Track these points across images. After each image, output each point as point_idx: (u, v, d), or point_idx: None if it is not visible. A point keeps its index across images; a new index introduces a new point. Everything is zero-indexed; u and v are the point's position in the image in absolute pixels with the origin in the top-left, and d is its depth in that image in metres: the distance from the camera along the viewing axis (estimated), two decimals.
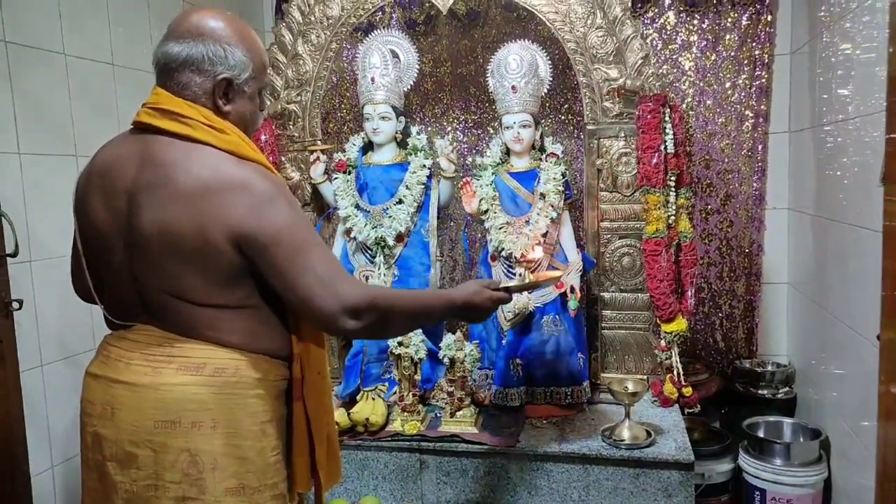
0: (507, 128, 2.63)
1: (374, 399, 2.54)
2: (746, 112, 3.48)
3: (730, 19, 3.45)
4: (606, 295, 2.80)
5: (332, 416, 1.74)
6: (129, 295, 1.59)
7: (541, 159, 2.68)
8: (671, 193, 2.60)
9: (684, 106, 3.49)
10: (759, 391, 3.39)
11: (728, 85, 3.49)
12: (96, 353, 1.66)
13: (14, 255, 2.22)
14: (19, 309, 2.26)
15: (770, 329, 3.63)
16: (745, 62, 3.46)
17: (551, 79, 2.80)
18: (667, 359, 2.65)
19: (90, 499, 1.63)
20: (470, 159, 3.59)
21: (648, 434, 2.34)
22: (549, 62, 2.80)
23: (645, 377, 2.70)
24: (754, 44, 3.44)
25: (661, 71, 3.44)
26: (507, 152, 2.73)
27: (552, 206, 2.58)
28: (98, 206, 1.56)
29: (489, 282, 1.83)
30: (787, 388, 3.40)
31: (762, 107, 3.47)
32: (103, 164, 1.58)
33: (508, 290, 1.82)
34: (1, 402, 2.20)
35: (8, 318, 2.23)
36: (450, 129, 3.68)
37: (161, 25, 3.06)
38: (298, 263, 1.48)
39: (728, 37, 3.46)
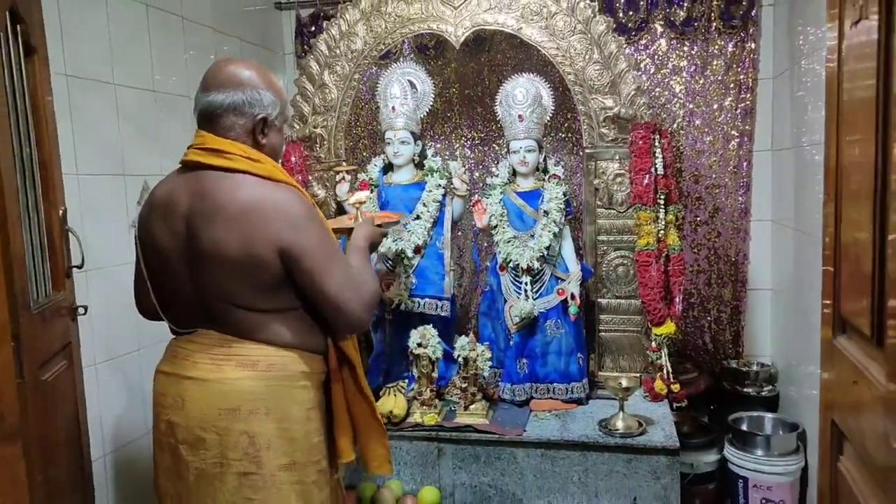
0: (514, 152, 2.97)
1: (395, 394, 2.88)
2: (732, 132, 3.79)
3: (717, 46, 3.75)
4: (603, 301, 3.12)
5: (370, 399, 2.05)
6: (191, 305, 1.88)
7: (544, 180, 3.01)
8: (661, 210, 2.93)
9: (675, 126, 3.80)
10: (745, 389, 3.67)
11: (715, 106, 3.79)
12: (165, 354, 1.98)
13: (80, 266, 2.55)
14: (84, 314, 2.58)
15: (755, 332, 3.90)
16: (731, 86, 3.77)
17: (553, 106, 3.13)
18: (657, 358, 2.97)
19: (164, 477, 1.93)
20: (477, 174, 3.92)
21: (640, 424, 2.68)
22: (551, 88, 3.13)
23: (637, 375, 3.02)
24: (739, 69, 3.75)
25: (654, 93, 3.77)
26: (514, 173, 3.07)
27: (554, 223, 2.91)
28: (161, 233, 1.86)
29: (372, 227, 2.21)
30: (771, 387, 3.65)
31: (747, 127, 3.77)
32: (162, 197, 1.88)
33: (382, 225, 2.29)
34: (69, 397, 2.50)
35: (75, 322, 2.55)
36: (458, 145, 4.00)
37: (195, 55, 3.43)
38: (324, 271, 1.77)
39: (715, 62, 3.77)
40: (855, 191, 1.40)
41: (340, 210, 3.23)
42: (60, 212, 2.40)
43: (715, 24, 3.71)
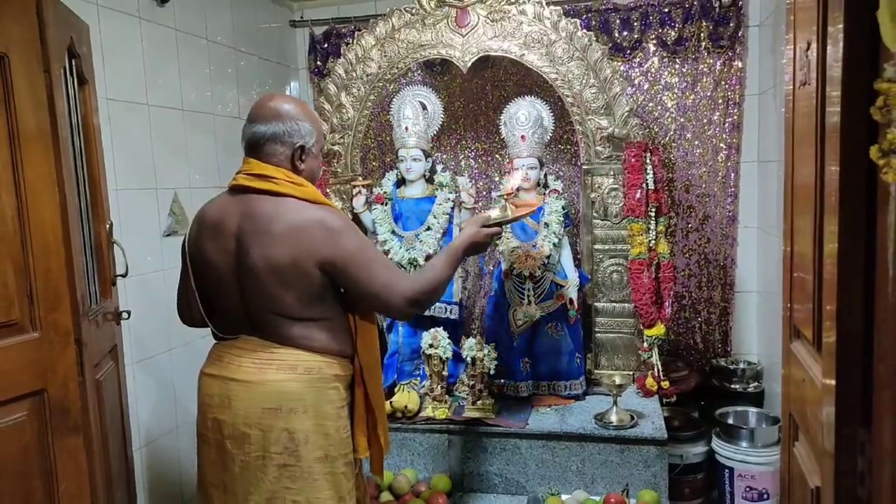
0: (517, 169, 3.26)
1: (409, 391, 3.16)
2: (721, 144, 4.06)
3: (706, 65, 4.03)
4: (599, 305, 3.40)
5: (383, 398, 2.28)
6: (237, 314, 2.10)
7: (545, 194, 3.30)
8: (652, 222, 3.21)
9: (667, 138, 4.08)
10: (733, 386, 3.94)
11: (705, 121, 4.07)
12: (208, 358, 2.19)
13: (125, 275, 2.82)
14: (128, 318, 2.86)
15: (742, 332, 4.15)
16: (720, 101, 4.04)
17: (553, 126, 3.41)
18: (648, 358, 3.25)
19: (209, 468, 2.13)
20: (481, 183, 4.20)
21: (632, 418, 2.97)
22: (551, 109, 3.40)
23: (631, 373, 3.32)
24: (727, 86, 4.02)
25: (647, 108, 4.05)
26: (518, 188, 3.35)
27: (554, 234, 3.20)
28: (212, 249, 2.07)
29: (481, 218, 2.33)
30: (756, 383, 3.89)
31: (734, 140, 4.04)
32: (213, 217, 2.10)
33: (499, 223, 2.32)
34: (116, 395, 2.77)
35: (119, 326, 2.83)
36: (462, 156, 4.28)
37: (217, 73, 3.69)
38: (368, 275, 1.99)
39: (705, 79, 4.04)
40: (802, 207, 1.67)
41: (356, 220, 3.51)
42: (107, 226, 2.68)
43: (704, 43, 3.98)
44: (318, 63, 4.56)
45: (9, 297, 2.06)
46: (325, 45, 4.53)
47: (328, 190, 3.50)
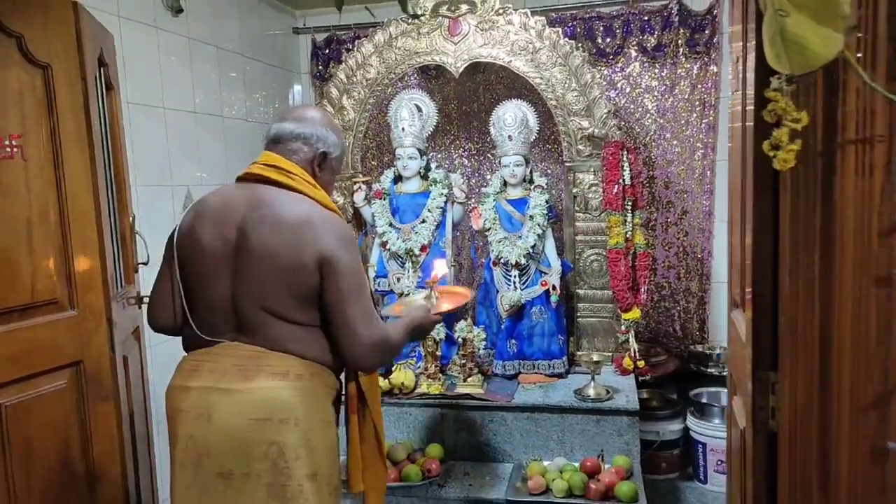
0: (505, 166, 3.57)
1: (405, 370, 3.46)
2: (697, 144, 4.36)
3: (683, 69, 4.34)
4: (581, 291, 3.71)
5: (381, 437, 2.19)
6: (223, 313, 1.95)
7: (530, 189, 3.60)
8: (628, 215, 3.51)
9: (647, 138, 4.39)
10: (709, 369, 4.22)
11: (683, 122, 4.37)
12: (179, 370, 2.02)
13: (146, 263, 3.11)
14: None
15: (718, 319, 4.42)
16: (697, 104, 4.34)
17: (538, 127, 3.72)
18: (625, 340, 3.56)
19: (184, 494, 1.93)
20: (473, 181, 4.51)
21: (607, 392, 3.27)
22: (536, 111, 3.70)
23: (609, 354, 3.63)
24: (703, 89, 4.32)
25: (629, 109, 4.35)
26: (505, 184, 3.66)
27: (539, 225, 3.50)
28: (208, 237, 1.95)
29: (423, 306, 2.29)
30: None
31: (710, 140, 4.33)
32: (215, 204, 2.01)
33: (440, 313, 2.33)
34: (138, 372, 3.04)
35: (140, 309, 3.12)
36: (456, 155, 4.59)
37: (226, 78, 3.99)
38: (353, 296, 1.88)
39: (682, 83, 4.35)
40: (735, 198, 1.97)
41: (356, 214, 3.81)
42: (130, 218, 2.98)
43: (682, 49, 4.28)
44: (320, 68, 4.87)
45: (52, 279, 2.35)
46: (327, 51, 4.84)
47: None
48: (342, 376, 2.12)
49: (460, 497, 2.99)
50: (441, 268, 2.55)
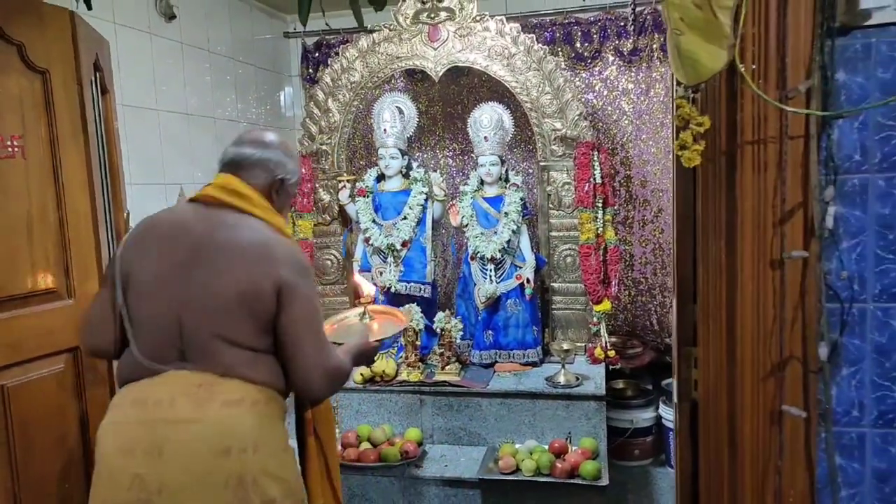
0: (481, 166, 3.78)
1: (387, 359, 3.67)
2: (672, 144, 4.59)
3: (658, 72, 4.53)
4: (555, 285, 3.92)
5: (336, 446, 2.28)
6: (169, 339, 1.85)
7: (505, 188, 3.82)
8: (599, 212, 3.72)
9: (624, 139, 4.60)
10: None
11: (658, 123, 4.57)
12: (116, 406, 1.88)
13: None
14: None
15: None
16: (671, 105, 4.57)
17: (513, 128, 3.93)
18: (597, 331, 3.77)
19: None
20: (458, 179, 4.71)
21: (577, 379, 3.48)
22: (511, 114, 3.91)
23: (583, 344, 3.84)
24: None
25: (606, 111, 4.56)
26: (482, 182, 3.87)
27: (513, 222, 3.71)
28: (157, 260, 1.88)
29: (365, 336, 2.22)
30: None
31: None
32: (169, 225, 1.96)
33: (379, 340, 2.27)
34: None
35: None
36: (441, 155, 4.80)
37: (218, 81, 4.20)
38: (309, 324, 1.87)
39: (657, 86, 4.54)
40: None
41: (341, 211, 4.02)
42: (125, 214, 3.19)
43: (656, 53, 4.48)
44: (310, 71, 5.08)
45: (50, 269, 2.56)
46: (316, 55, 5.05)
47: (317, 185, 4.01)
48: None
49: (436, 477, 3.20)
50: (367, 285, 2.54)
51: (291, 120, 5.29)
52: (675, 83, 1.64)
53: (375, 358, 2.31)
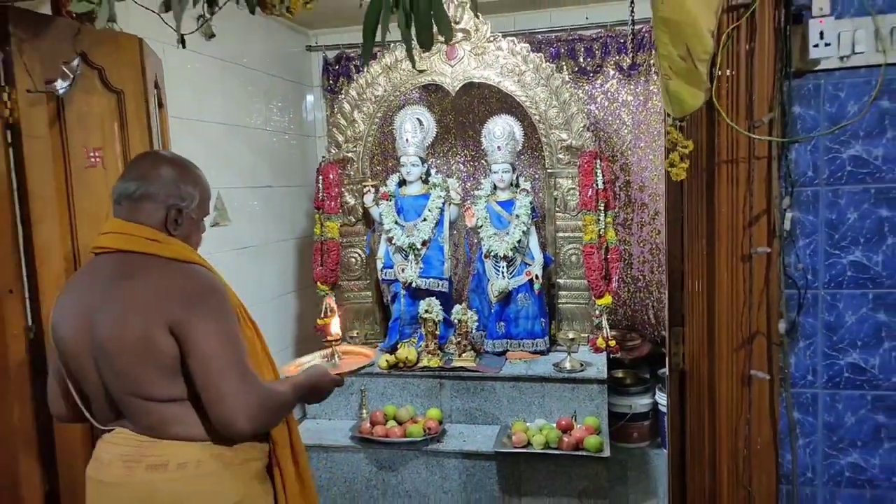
0: (494, 172, 4.21)
1: (409, 347, 4.10)
2: None
3: (656, 86, 4.95)
4: (561, 281, 4.35)
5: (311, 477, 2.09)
6: (103, 402, 1.82)
7: (516, 192, 4.25)
8: (601, 214, 4.14)
9: (624, 147, 5.03)
10: None
11: (655, 132, 4.99)
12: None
13: None
14: None
15: None
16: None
17: (523, 138, 4.35)
18: (599, 323, 4.20)
19: None
20: (469, 184, 5.14)
21: (581, 365, 3.91)
22: (521, 125, 4.34)
23: (586, 335, 4.27)
24: None
25: (607, 121, 5.00)
26: (494, 187, 4.30)
27: (524, 223, 4.15)
28: (69, 328, 1.80)
29: (323, 367, 2.08)
30: None
31: None
32: (71, 290, 1.86)
33: (341, 374, 2.13)
34: None
35: None
36: (454, 161, 5.22)
37: (251, 92, 4.64)
38: (217, 356, 1.69)
39: (654, 98, 4.97)
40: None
41: (365, 213, 4.45)
42: None
43: (654, 68, 4.92)
44: (330, 82, 5.52)
45: None
46: (336, 67, 5.48)
47: (343, 189, 4.44)
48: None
49: (456, 450, 3.63)
50: (335, 326, 2.40)
51: (312, 127, 5.73)
52: (665, 114, 2.06)
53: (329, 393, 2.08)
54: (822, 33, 1.89)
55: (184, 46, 2.50)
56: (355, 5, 2.10)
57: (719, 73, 1.94)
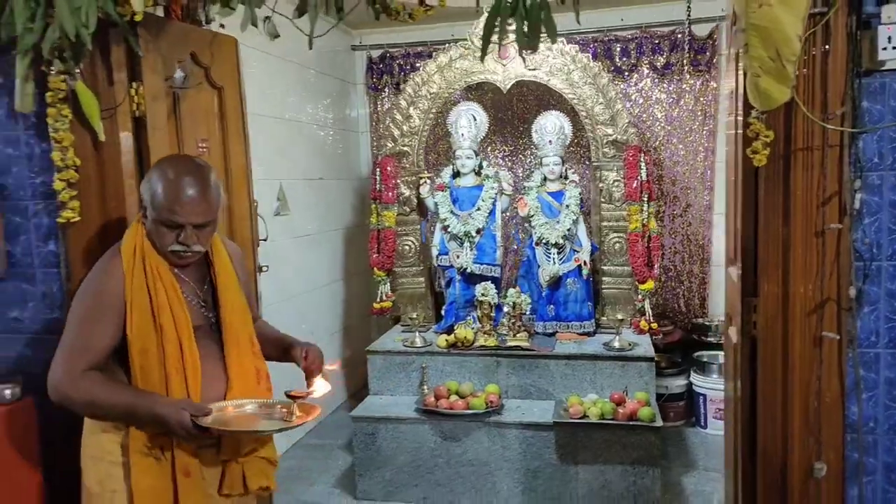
0: (546, 165, 4.52)
1: (465, 328, 4.39)
2: (699, 148, 5.33)
3: (688, 84, 5.30)
4: (605, 267, 4.65)
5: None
6: None
7: (565, 184, 4.55)
8: (645, 205, 4.44)
9: (657, 143, 5.35)
10: (708, 338, 5.16)
11: (687, 129, 5.33)
12: None
13: (265, 240, 4.01)
14: (266, 271, 4.05)
15: (716, 297, 5.40)
16: (699, 114, 5.30)
17: (572, 133, 4.65)
18: (641, 306, 4.50)
19: None
20: (510, 176, 5.42)
21: (629, 345, 4.22)
22: (570, 120, 4.64)
23: (628, 318, 4.57)
24: (704, 101, 5.28)
25: (641, 118, 5.31)
26: (544, 179, 4.60)
27: (573, 213, 4.45)
28: None
29: (196, 407, 1.97)
30: None
31: (710, 144, 5.30)
32: None
33: (208, 428, 1.94)
34: None
35: (259, 275, 4.03)
36: (492, 156, 5.52)
37: (305, 90, 4.92)
38: (65, 333, 2.07)
39: (687, 96, 5.31)
40: (731, 192, 2.91)
41: (420, 204, 4.73)
42: (255, 204, 3.89)
43: (686, 68, 5.24)
44: (374, 80, 5.82)
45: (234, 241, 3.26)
46: (380, 66, 5.79)
47: (399, 181, 4.72)
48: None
49: (516, 422, 3.93)
50: (323, 387, 2.26)
51: (356, 123, 6.02)
52: (745, 106, 2.36)
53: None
54: (889, 38, 2.20)
55: (310, 48, 2.78)
56: None
57: (798, 72, 2.25)
